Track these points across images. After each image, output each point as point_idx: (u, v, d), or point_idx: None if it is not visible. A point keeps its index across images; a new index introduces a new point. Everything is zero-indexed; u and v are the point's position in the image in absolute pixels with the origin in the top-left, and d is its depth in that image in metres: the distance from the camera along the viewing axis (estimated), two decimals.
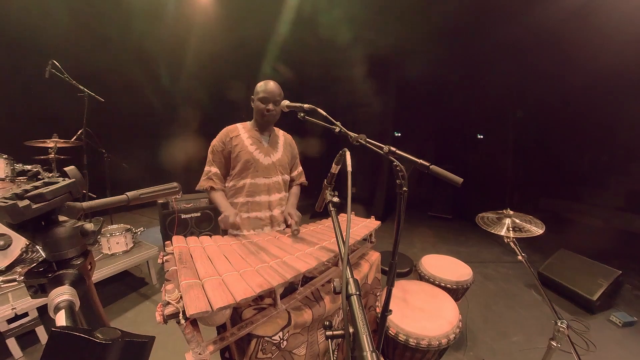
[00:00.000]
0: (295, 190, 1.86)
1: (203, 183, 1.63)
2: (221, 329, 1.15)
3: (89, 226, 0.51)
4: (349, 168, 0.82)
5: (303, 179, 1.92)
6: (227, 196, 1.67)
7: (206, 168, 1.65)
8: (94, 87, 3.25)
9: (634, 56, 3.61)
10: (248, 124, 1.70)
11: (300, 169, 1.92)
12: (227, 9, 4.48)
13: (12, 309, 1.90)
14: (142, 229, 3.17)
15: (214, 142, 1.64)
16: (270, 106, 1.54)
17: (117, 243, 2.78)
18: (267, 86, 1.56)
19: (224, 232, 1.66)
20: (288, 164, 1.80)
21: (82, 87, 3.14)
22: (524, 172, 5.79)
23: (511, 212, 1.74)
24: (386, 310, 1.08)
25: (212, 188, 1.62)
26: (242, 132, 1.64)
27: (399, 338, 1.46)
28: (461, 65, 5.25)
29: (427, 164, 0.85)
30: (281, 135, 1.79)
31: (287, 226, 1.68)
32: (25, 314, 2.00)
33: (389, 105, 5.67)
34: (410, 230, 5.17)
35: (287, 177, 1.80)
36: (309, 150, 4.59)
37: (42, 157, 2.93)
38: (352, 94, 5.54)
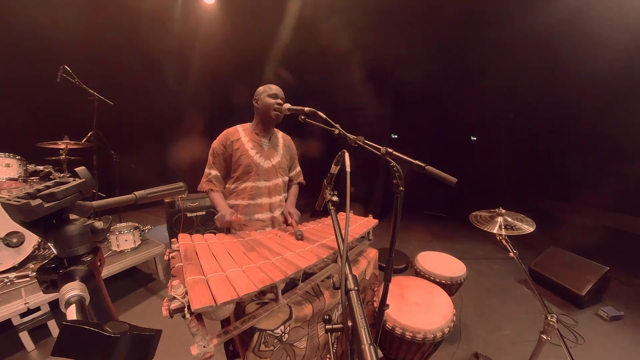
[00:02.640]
0: (294, 189, 1.85)
1: (204, 185, 1.62)
2: (225, 322, 1.15)
3: (99, 224, 0.51)
4: (348, 168, 0.82)
5: (301, 179, 1.90)
6: (228, 197, 1.66)
7: (206, 170, 1.63)
8: (104, 91, 3.25)
9: (622, 60, 3.62)
10: (248, 126, 1.67)
11: (298, 169, 1.90)
12: (231, 16, 4.48)
13: (25, 303, 1.91)
14: (149, 227, 3.17)
15: (215, 144, 1.61)
16: (280, 100, 1.53)
17: (126, 240, 2.78)
18: (272, 86, 1.56)
19: (228, 231, 1.66)
20: (287, 166, 1.79)
21: (92, 91, 3.14)
22: (516, 173, 5.79)
23: (503, 211, 1.74)
24: (383, 304, 1.08)
25: (211, 190, 1.61)
26: (242, 136, 1.61)
27: (396, 331, 1.46)
28: (455, 70, 5.25)
29: (423, 165, 0.85)
30: (280, 137, 1.77)
31: (287, 224, 1.67)
32: (38, 309, 2.00)
33: (386, 108, 5.68)
34: (406, 228, 5.18)
35: (286, 178, 1.79)
36: (310, 151, 4.58)
37: (53, 158, 2.94)
38: (351, 97, 5.54)
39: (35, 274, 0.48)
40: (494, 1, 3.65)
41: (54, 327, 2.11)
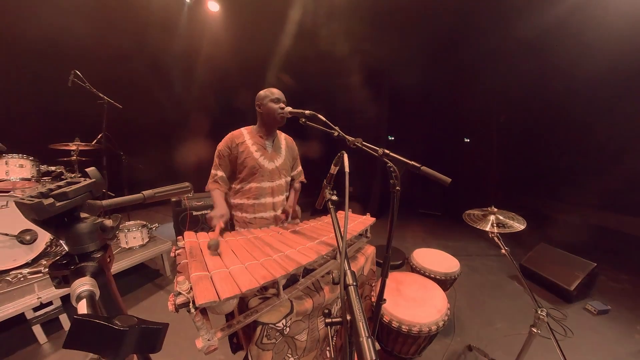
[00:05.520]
0: (296, 187, 1.86)
1: (210, 185, 1.62)
2: (229, 316, 1.15)
3: (108, 222, 0.51)
4: (347, 169, 0.82)
5: (302, 178, 1.91)
6: (234, 197, 1.66)
7: (212, 171, 1.63)
8: (113, 95, 3.25)
9: (609, 65, 3.62)
10: (252, 128, 1.66)
11: (300, 168, 1.90)
12: (235, 23, 4.49)
13: (38, 298, 1.91)
14: (156, 225, 3.16)
15: (220, 146, 1.61)
16: (282, 105, 1.53)
17: (134, 238, 2.78)
18: (274, 90, 1.55)
19: (232, 228, 1.66)
20: (290, 167, 1.80)
21: (101, 95, 3.14)
22: (507, 173, 5.79)
23: (495, 209, 1.74)
24: (380, 299, 1.08)
25: (215, 189, 1.61)
26: (247, 138, 1.61)
27: (393, 325, 1.46)
28: (449, 74, 5.25)
29: (418, 165, 0.85)
30: (283, 139, 1.77)
31: (288, 216, 1.69)
32: (50, 303, 2.00)
33: (383, 111, 5.68)
34: (402, 226, 5.17)
35: (289, 178, 1.80)
36: (310, 152, 4.57)
37: (65, 159, 2.93)
38: (350, 101, 5.55)
39: (47, 269, 0.48)
40: (487, 8, 3.65)
41: (65, 321, 2.11)
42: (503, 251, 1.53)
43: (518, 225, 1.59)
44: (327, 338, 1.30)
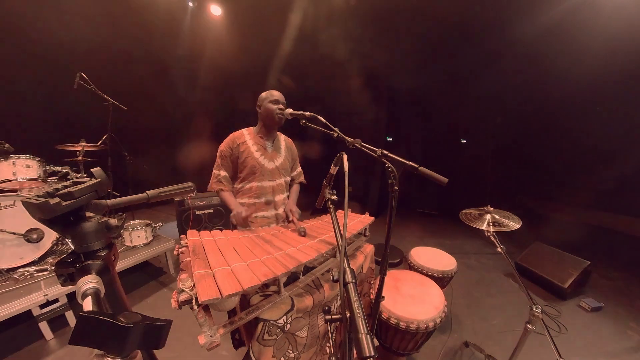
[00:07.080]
0: (296, 188, 1.85)
1: (213, 186, 1.61)
2: (231, 313, 1.15)
3: (113, 221, 0.51)
4: (346, 169, 0.82)
5: (302, 178, 1.90)
6: (235, 196, 1.66)
7: (215, 171, 1.63)
8: (118, 97, 3.25)
9: (601, 68, 3.62)
10: (253, 129, 1.67)
11: (299, 169, 1.90)
12: (237, 27, 4.49)
13: (44, 295, 1.91)
14: (160, 223, 3.17)
15: (222, 147, 1.61)
16: (281, 106, 1.53)
17: (138, 236, 2.78)
18: (274, 92, 1.56)
19: (234, 227, 1.66)
20: (289, 167, 1.79)
21: (107, 97, 3.13)
22: (503, 173, 5.79)
23: (491, 209, 1.74)
24: (379, 296, 1.08)
25: (221, 190, 1.61)
26: (247, 139, 1.62)
27: (391, 321, 1.46)
28: (446, 76, 5.25)
29: (416, 166, 0.85)
30: (283, 140, 1.78)
31: (289, 221, 1.67)
32: (56, 300, 2.00)
33: (382, 113, 5.67)
34: (400, 225, 5.17)
35: (288, 178, 1.79)
36: (310, 153, 4.58)
37: (71, 160, 2.93)
38: (349, 103, 5.54)
39: (53, 267, 0.48)
40: (483, 13, 3.65)
41: (71, 318, 2.11)
42: (499, 249, 1.53)
43: (513, 224, 1.59)
44: (327, 334, 1.29)
